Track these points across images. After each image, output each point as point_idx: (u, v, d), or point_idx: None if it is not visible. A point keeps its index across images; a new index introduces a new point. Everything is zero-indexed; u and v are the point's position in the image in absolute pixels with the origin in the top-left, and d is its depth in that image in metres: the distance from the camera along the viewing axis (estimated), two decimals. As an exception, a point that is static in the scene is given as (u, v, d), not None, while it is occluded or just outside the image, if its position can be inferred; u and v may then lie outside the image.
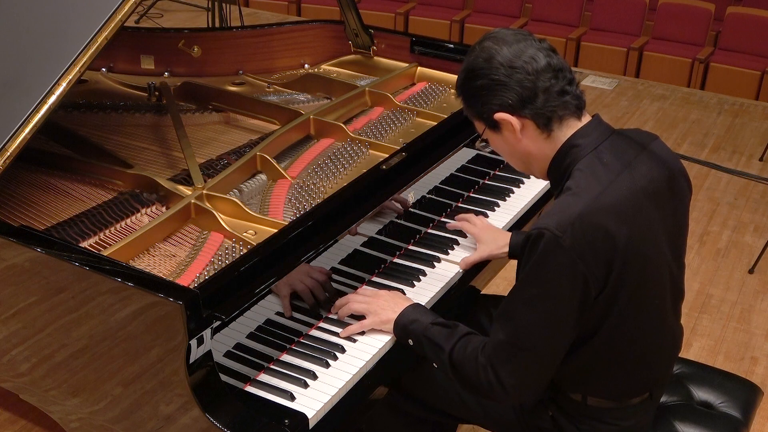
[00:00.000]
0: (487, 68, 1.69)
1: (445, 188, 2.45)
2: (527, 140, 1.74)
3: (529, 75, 1.67)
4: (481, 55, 1.71)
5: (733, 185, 4.86)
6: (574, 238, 1.60)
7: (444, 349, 1.81)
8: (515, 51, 1.68)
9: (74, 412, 1.87)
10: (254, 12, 7.79)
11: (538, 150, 1.75)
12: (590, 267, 1.62)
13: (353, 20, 2.95)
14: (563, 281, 1.63)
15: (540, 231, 1.62)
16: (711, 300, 3.75)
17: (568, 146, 1.73)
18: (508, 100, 1.69)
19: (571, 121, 1.73)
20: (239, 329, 1.82)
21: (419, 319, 1.88)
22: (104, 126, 2.57)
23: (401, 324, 1.90)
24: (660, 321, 1.82)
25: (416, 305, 1.94)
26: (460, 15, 7.06)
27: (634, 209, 1.68)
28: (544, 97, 1.68)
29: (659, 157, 1.79)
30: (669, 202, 1.77)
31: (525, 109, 1.69)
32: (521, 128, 1.72)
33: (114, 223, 2.06)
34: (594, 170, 1.69)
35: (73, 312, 1.74)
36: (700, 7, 6.45)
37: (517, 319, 1.69)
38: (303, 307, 1.96)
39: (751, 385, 2.19)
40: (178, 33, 2.99)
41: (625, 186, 1.69)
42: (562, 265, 1.62)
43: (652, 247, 1.72)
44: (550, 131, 1.72)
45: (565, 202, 1.67)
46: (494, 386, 1.72)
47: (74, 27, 1.97)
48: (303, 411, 1.71)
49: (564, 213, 1.63)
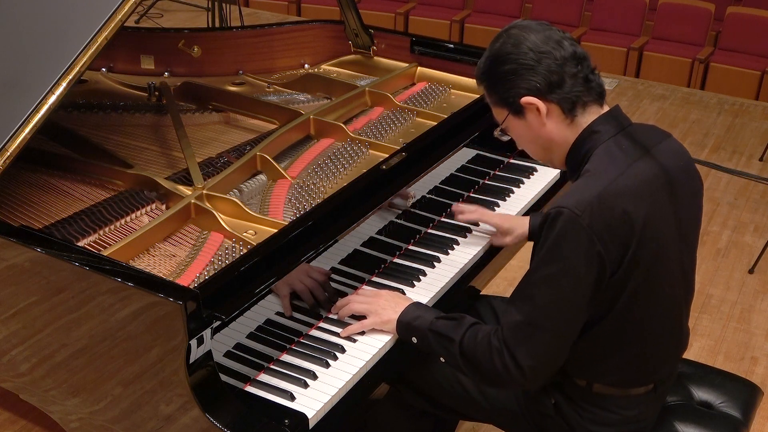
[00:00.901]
0: (515, 53, 1.73)
1: (445, 188, 2.45)
2: (551, 125, 1.77)
3: (557, 60, 1.72)
4: (508, 41, 1.75)
5: (733, 185, 4.86)
6: (592, 217, 1.64)
7: (454, 340, 1.82)
8: (542, 38, 1.73)
9: (74, 412, 1.87)
10: (254, 12, 7.79)
11: (560, 136, 1.78)
12: (607, 247, 1.65)
13: (353, 20, 2.95)
14: (581, 259, 1.65)
15: (559, 210, 1.66)
16: (711, 300, 3.75)
17: (588, 132, 1.77)
18: (537, 84, 1.72)
19: (593, 108, 1.78)
20: (239, 329, 1.82)
21: (423, 316, 1.89)
22: (104, 126, 2.57)
23: (404, 322, 1.90)
24: (669, 310, 1.83)
25: (417, 303, 1.95)
26: (460, 15, 7.06)
27: (650, 193, 1.72)
28: (571, 82, 1.73)
29: (676, 150, 1.84)
30: (683, 195, 1.80)
31: (552, 93, 1.73)
32: (546, 113, 1.75)
33: (114, 221, 2.06)
34: (613, 155, 1.73)
35: (73, 312, 1.74)
36: (700, 7, 6.45)
37: (536, 298, 1.70)
38: (303, 307, 1.96)
39: (751, 385, 2.19)
40: (178, 33, 2.99)
41: (642, 171, 1.72)
42: (581, 243, 1.64)
43: (666, 232, 1.75)
44: (573, 116, 1.76)
45: (584, 183, 1.71)
46: (510, 369, 1.73)
47: (74, 27, 1.97)
48: (303, 411, 1.71)
49: (583, 193, 1.67)
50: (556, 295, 1.69)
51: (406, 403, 2.17)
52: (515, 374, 1.74)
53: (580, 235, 1.64)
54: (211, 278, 1.75)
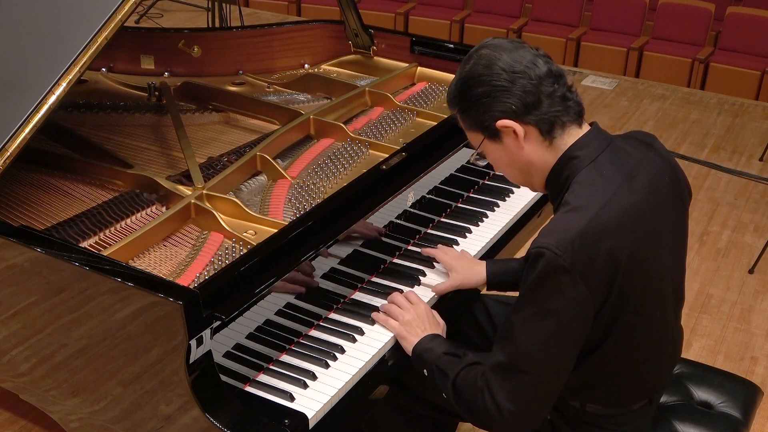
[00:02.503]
0: (487, 75, 1.65)
1: (445, 188, 2.45)
2: (529, 148, 1.70)
3: (532, 80, 1.64)
4: (480, 63, 1.67)
5: (733, 185, 4.86)
6: (574, 256, 1.57)
7: (449, 377, 1.78)
8: (515, 57, 1.65)
9: (74, 412, 1.87)
10: (254, 12, 7.79)
11: (539, 158, 1.71)
12: (591, 285, 1.59)
13: (353, 20, 2.95)
14: (563, 301, 1.60)
15: (539, 250, 1.59)
16: (711, 300, 3.75)
17: (567, 158, 1.70)
18: (512, 106, 1.65)
19: (572, 129, 1.70)
20: (239, 329, 1.82)
21: (433, 349, 1.85)
22: (104, 126, 2.57)
23: (417, 352, 1.88)
24: (662, 329, 1.81)
25: (433, 336, 1.91)
26: (460, 15, 7.06)
27: (635, 222, 1.65)
28: (548, 102, 1.65)
29: (658, 161, 1.77)
30: (669, 204, 1.76)
31: (529, 115, 1.65)
32: (524, 135, 1.68)
33: (114, 223, 2.06)
34: (593, 183, 1.66)
35: (73, 312, 1.74)
36: (700, 7, 6.45)
37: (517, 339, 1.65)
38: (303, 307, 1.96)
39: (751, 385, 2.19)
40: (178, 33, 2.99)
41: (625, 199, 1.65)
42: (563, 284, 1.58)
43: (655, 258, 1.70)
44: (552, 138, 1.69)
45: (565, 219, 1.63)
46: (491, 411, 1.68)
47: (74, 27, 1.97)
48: (303, 411, 1.71)
49: (564, 231, 1.59)
50: (537, 337, 1.63)
51: (405, 406, 2.16)
52: (496, 416, 1.68)
53: (562, 276, 1.57)
54: (211, 278, 1.75)
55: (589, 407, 1.84)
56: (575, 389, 1.82)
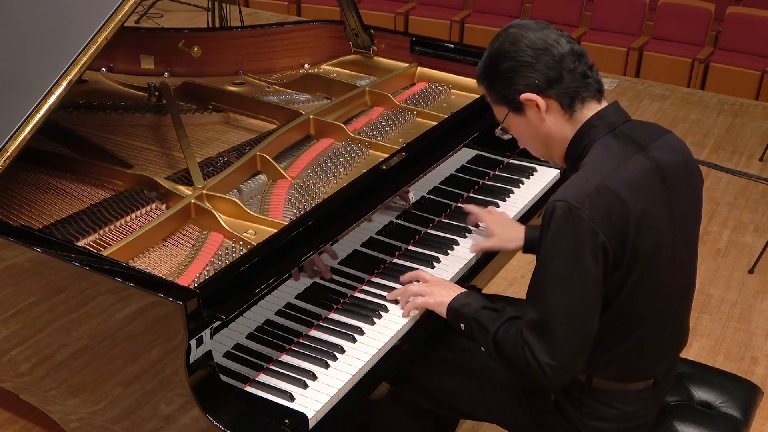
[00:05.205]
0: (513, 51, 1.76)
1: (445, 188, 2.45)
2: (550, 121, 1.79)
3: (555, 57, 1.74)
4: (507, 40, 1.78)
5: (733, 185, 4.86)
6: (592, 208, 1.65)
7: (489, 331, 1.85)
8: (540, 36, 1.76)
9: (74, 412, 1.87)
10: (254, 12, 7.79)
11: (560, 132, 1.80)
12: (608, 236, 1.67)
13: (353, 20, 2.95)
14: (586, 251, 1.66)
15: (558, 203, 1.67)
16: (711, 300, 3.75)
17: (586, 126, 1.79)
18: (536, 80, 1.75)
19: (591, 104, 1.80)
20: (239, 329, 1.82)
21: (470, 303, 1.92)
22: (104, 126, 2.57)
23: (454, 308, 1.94)
24: (666, 304, 1.84)
25: (468, 292, 1.99)
26: (460, 15, 7.06)
27: (646, 187, 1.73)
28: (570, 77, 1.75)
29: (674, 146, 1.85)
30: (680, 190, 1.81)
31: (551, 89, 1.75)
32: (546, 109, 1.77)
33: (113, 221, 2.06)
34: (610, 148, 1.75)
35: (73, 312, 1.74)
36: (700, 7, 6.45)
37: (546, 294, 1.71)
38: (303, 307, 1.96)
39: (751, 385, 2.19)
40: (178, 33, 2.99)
41: (640, 164, 1.74)
42: (583, 235, 1.65)
43: (664, 226, 1.76)
44: (572, 112, 1.78)
45: (581, 175, 1.72)
46: (533, 366, 1.74)
47: (74, 27, 1.97)
48: (303, 411, 1.71)
49: (581, 185, 1.68)
50: (566, 289, 1.70)
51: (407, 401, 2.17)
52: (537, 371, 1.74)
53: (581, 227, 1.65)
54: (211, 278, 1.75)
55: (595, 381, 1.86)
56: None
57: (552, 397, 1.93)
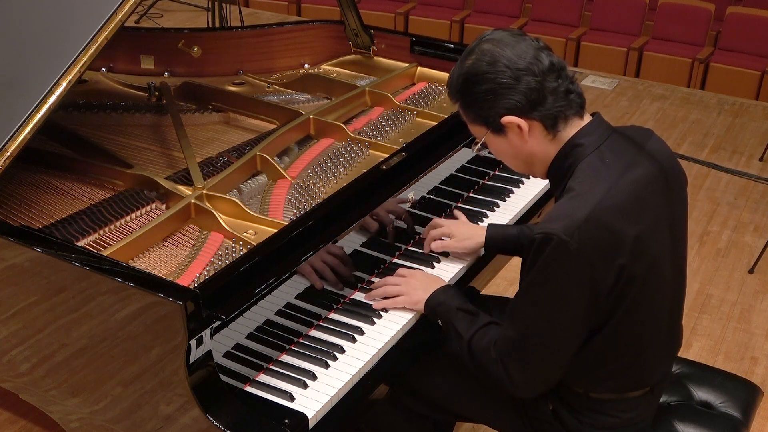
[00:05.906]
0: (492, 73, 1.67)
1: (445, 188, 2.45)
2: (533, 142, 1.73)
3: (536, 76, 1.66)
4: (483, 59, 1.68)
5: (733, 185, 4.86)
6: (581, 241, 1.60)
7: (463, 338, 1.84)
8: (518, 52, 1.67)
9: (74, 412, 1.87)
10: (254, 12, 7.79)
11: (543, 151, 1.75)
12: (598, 270, 1.63)
13: (353, 20, 2.95)
14: (571, 285, 1.64)
15: (547, 235, 1.62)
16: (711, 300, 3.75)
17: (570, 146, 1.73)
18: (517, 103, 1.67)
19: (574, 121, 1.74)
20: (239, 329, 1.82)
21: (446, 303, 1.91)
22: (104, 126, 2.57)
23: (430, 306, 1.94)
24: (663, 316, 1.83)
25: (447, 287, 1.97)
26: (460, 15, 7.06)
27: (638, 208, 1.69)
28: (552, 98, 1.68)
29: (657, 153, 1.81)
30: (668, 195, 1.79)
31: (534, 111, 1.68)
32: (528, 130, 1.71)
33: (114, 221, 2.06)
34: (597, 170, 1.70)
35: (73, 312, 1.74)
36: (700, 7, 6.45)
37: (527, 318, 1.71)
38: (303, 307, 1.96)
39: (751, 385, 2.19)
40: (178, 33, 2.99)
41: (628, 186, 1.69)
42: (570, 269, 1.62)
43: (658, 244, 1.73)
44: (556, 132, 1.72)
45: (570, 205, 1.66)
46: (504, 381, 1.76)
47: (74, 27, 1.97)
48: (303, 411, 1.71)
49: (570, 216, 1.63)
50: (544, 318, 1.69)
51: (405, 405, 2.16)
52: (509, 386, 1.77)
53: (569, 261, 1.61)
54: (211, 278, 1.75)
55: (593, 394, 1.86)
56: (579, 375, 1.84)
57: (550, 407, 1.92)
